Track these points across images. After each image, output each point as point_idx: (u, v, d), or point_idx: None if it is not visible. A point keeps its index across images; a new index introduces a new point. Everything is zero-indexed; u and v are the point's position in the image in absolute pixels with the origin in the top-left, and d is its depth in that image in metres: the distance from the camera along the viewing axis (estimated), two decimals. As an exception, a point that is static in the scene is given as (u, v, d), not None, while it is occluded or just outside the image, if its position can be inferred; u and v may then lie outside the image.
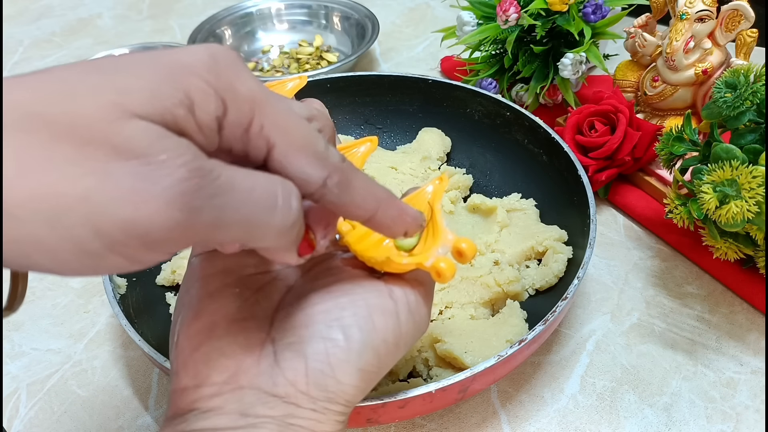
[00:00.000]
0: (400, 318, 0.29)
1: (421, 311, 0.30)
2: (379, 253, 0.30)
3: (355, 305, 0.29)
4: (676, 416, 0.46)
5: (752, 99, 0.46)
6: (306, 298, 0.30)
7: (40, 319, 0.56)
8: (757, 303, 0.53)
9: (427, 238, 0.31)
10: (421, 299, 0.30)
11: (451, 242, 0.29)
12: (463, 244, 0.29)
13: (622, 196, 0.62)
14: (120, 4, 1.08)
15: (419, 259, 0.29)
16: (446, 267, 0.29)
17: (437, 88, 0.63)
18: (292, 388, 0.27)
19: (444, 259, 0.29)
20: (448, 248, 0.29)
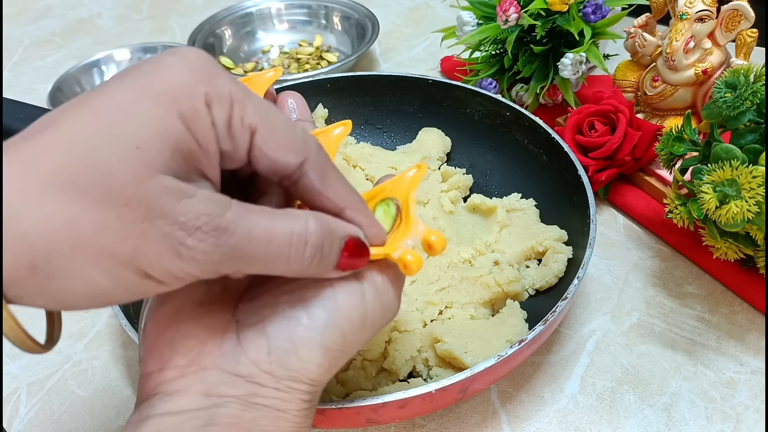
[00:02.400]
0: (366, 297, 0.29)
1: (389, 293, 0.30)
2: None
3: (320, 285, 0.29)
4: (676, 416, 0.46)
5: (752, 99, 0.46)
6: (271, 279, 0.30)
7: (40, 319, 0.56)
8: (757, 303, 0.53)
9: (399, 227, 0.31)
10: (389, 282, 0.30)
11: (422, 234, 0.29)
12: (432, 236, 0.29)
13: (622, 196, 0.62)
14: (120, 4, 1.08)
15: (387, 250, 0.29)
16: (413, 260, 0.29)
17: (437, 88, 0.63)
18: (255, 367, 0.27)
19: (411, 252, 0.29)
20: (418, 240, 0.29)
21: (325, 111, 0.65)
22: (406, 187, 0.32)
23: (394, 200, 0.32)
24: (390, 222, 0.31)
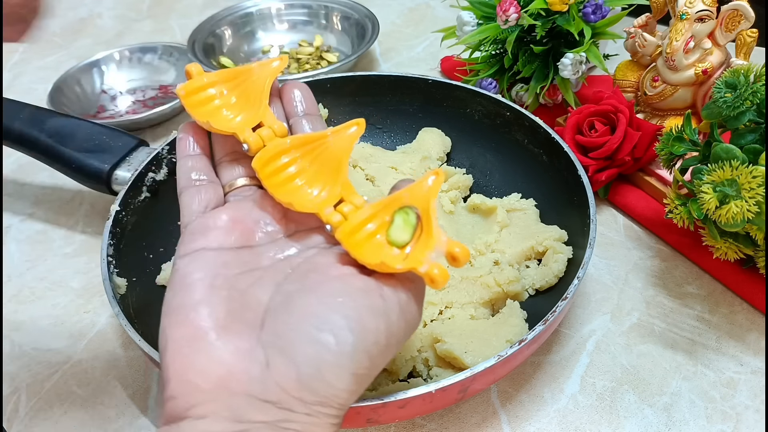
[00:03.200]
0: (390, 318, 0.29)
1: (412, 310, 0.30)
2: (373, 256, 0.30)
3: (346, 307, 0.28)
4: (676, 416, 0.46)
5: (752, 99, 0.46)
6: (296, 300, 0.29)
7: (40, 319, 0.56)
8: (757, 303, 0.53)
9: (420, 236, 0.30)
10: (412, 298, 0.30)
11: (445, 245, 0.29)
12: (456, 248, 0.29)
13: (622, 196, 0.62)
14: (120, 4, 1.08)
15: (413, 264, 0.29)
16: (439, 274, 0.28)
17: (437, 88, 0.63)
18: (285, 394, 0.27)
19: (437, 266, 0.28)
20: (441, 252, 0.29)
21: (325, 111, 0.65)
22: (425, 194, 0.31)
23: (414, 209, 0.31)
24: (410, 231, 0.31)
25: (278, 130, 0.35)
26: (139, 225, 0.53)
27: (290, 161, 0.34)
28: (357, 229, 0.31)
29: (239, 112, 0.36)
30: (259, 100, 0.36)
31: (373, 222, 0.32)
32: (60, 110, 0.74)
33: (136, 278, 0.51)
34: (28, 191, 0.70)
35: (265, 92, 0.36)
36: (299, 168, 0.34)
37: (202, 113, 0.35)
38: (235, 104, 0.36)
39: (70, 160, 0.57)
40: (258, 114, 0.35)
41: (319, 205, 0.32)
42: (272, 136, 0.34)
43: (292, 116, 0.37)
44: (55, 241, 0.64)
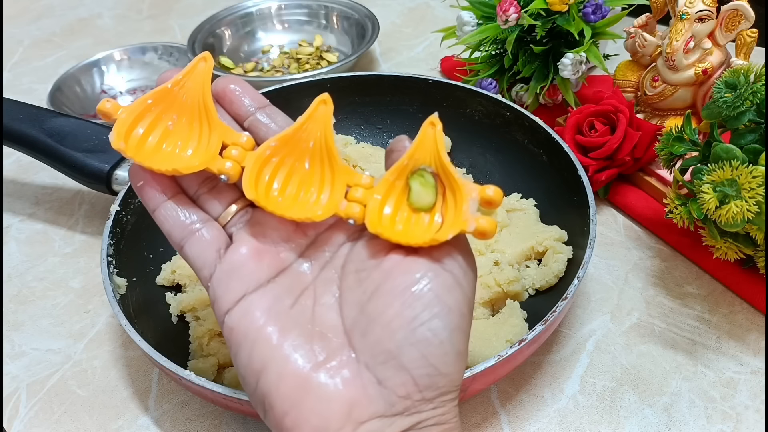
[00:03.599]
0: (462, 285, 0.29)
1: (471, 264, 0.30)
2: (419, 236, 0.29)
3: (423, 297, 0.28)
4: (676, 416, 0.46)
5: (752, 99, 0.46)
6: (370, 309, 0.28)
7: (40, 319, 0.56)
8: (757, 303, 0.53)
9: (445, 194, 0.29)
10: (466, 254, 0.30)
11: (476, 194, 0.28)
12: (488, 191, 0.28)
13: (622, 196, 0.62)
14: (120, 4, 1.08)
15: (459, 227, 0.28)
16: (487, 224, 0.28)
17: (437, 88, 0.63)
18: (409, 400, 0.27)
19: (481, 217, 0.28)
20: (475, 200, 0.28)
21: None
22: (433, 150, 0.30)
23: (427, 168, 0.30)
24: (432, 192, 0.30)
25: (246, 143, 0.31)
26: (139, 225, 0.53)
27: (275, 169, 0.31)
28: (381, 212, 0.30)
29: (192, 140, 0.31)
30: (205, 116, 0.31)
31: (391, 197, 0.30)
32: (60, 110, 0.74)
33: (136, 278, 0.51)
34: (28, 191, 0.70)
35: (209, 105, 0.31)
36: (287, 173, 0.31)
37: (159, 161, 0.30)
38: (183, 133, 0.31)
39: (70, 160, 0.57)
40: (216, 133, 0.31)
41: (334, 205, 0.31)
42: (244, 153, 0.30)
43: (245, 117, 0.33)
44: (55, 241, 0.64)
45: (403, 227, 0.30)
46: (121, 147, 0.30)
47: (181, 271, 0.53)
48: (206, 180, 0.32)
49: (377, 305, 0.28)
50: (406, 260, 0.29)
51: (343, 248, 0.31)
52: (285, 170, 0.31)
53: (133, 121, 0.31)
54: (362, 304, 0.29)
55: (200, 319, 0.50)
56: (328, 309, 0.30)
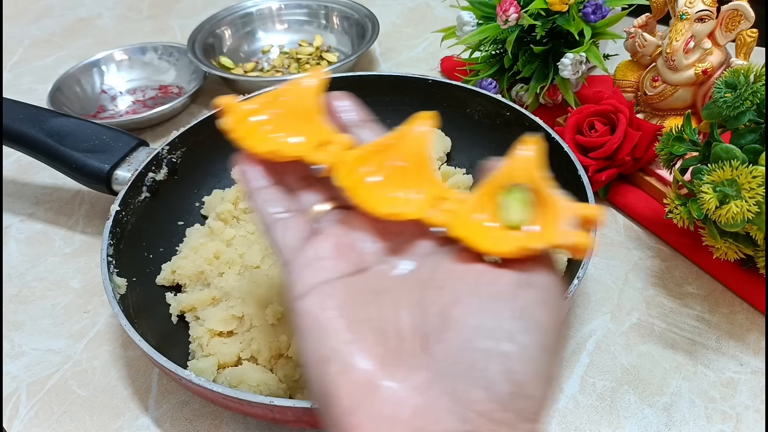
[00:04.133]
0: (551, 304, 0.26)
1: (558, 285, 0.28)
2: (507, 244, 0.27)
3: (509, 309, 0.26)
4: (676, 416, 0.46)
5: (752, 99, 0.46)
6: (451, 316, 0.26)
7: (40, 319, 0.56)
8: (757, 303, 0.53)
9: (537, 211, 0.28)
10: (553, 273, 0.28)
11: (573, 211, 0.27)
12: (587, 210, 0.26)
13: (622, 196, 0.62)
14: (120, 4, 1.08)
15: (551, 239, 0.26)
16: (582, 239, 0.26)
17: (437, 88, 0.63)
18: (485, 419, 0.24)
19: (575, 233, 0.26)
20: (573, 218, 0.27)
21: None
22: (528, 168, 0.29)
23: (522, 185, 0.29)
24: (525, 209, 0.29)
25: (346, 142, 0.32)
26: (139, 225, 0.53)
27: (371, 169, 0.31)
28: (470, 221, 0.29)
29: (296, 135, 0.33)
30: (313, 118, 0.33)
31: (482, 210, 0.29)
32: (60, 110, 0.74)
33: (136, 278, 0.51)
34: (28, 191, 0.70)
35: (317, 108, 0.34)
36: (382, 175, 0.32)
37: (262, 143, 0.33)
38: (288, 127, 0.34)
39: (70, 160, 0.57)
40: (318, 131, 0.33)
41: (422, 208, 0.30)
42: (342, 151, 0.32)
43: (348, 128, 0.35)
44: (55, 241, 0.64)
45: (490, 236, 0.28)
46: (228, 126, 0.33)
47: (181, 271, 0.53)
48: (305, 176, 0.34)
49: (458, 312, 0.26)
50: (492, 270, 0.27)
51: (428, 258, 0.30)
52: (380, 171, 0.32)
53: (246, 112, 0.33)
54: (441, 311, 0.27)
55: (200, 319, 0.50)
56: (403, 312, 0.28)
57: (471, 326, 0.25)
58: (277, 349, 0.46)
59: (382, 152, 0.32)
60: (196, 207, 0.60)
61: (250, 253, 0.52)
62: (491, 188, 0.30)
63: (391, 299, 0.28)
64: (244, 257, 0.52)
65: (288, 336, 0.47)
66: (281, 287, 0.49)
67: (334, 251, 0.30)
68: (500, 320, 0.25)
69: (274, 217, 0.32)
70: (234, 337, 0.48)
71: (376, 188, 0.31)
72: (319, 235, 0.31)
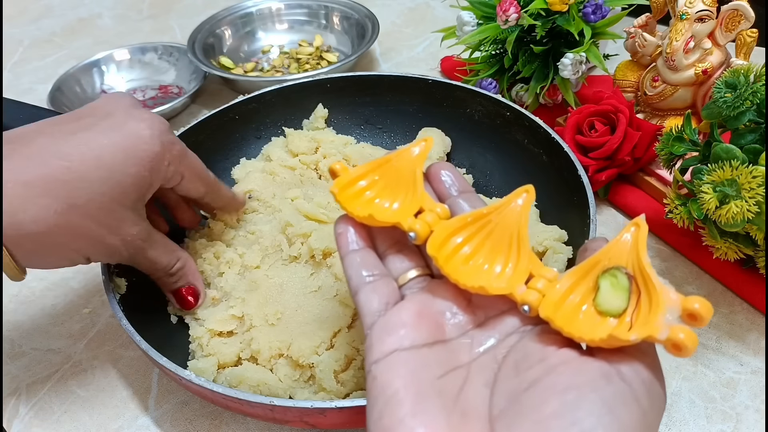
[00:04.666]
0: (641, 403, 0.24)
1: (658, 388, 0.25)
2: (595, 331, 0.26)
3: (589, 401, 0.24)
4: (676, 416, 0.46)
5: (752, 99, 0.46)
6: (526, 401, 0.25)
7: (40, 319, 0.56)
8: (757, 303, 0.53)
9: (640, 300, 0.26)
10: (654, 373, 0.26)
11: (678, 303, 0.24)
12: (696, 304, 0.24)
13: (622, 196, 0.62)
14: (120, 4, 1.08)
15: (649, 331, 0.24)
16: (686, 338, 0.24)
17: (437, 88, 0.63)
18: None
19: (681, 329, 0.24)
20: (676, 312, 0.24)
21: (325, 111, 0.65)
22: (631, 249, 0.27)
23: (622, 269, 0.27)
24: (624, 296, 0.27)
25: (441, 213, 0.32)
26: (139, 225, 0.53)
27: (464, 241, 0.31)
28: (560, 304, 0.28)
29: (395, 201, 0.34)
30: (412, 186, 0.34)
31: (575, 293, 0.28)
32: (60, 110, 0.74)
33: (136, 278, 0.50)
34: (28, 191, 0.70)
35: (418, 177, 0.34)
36: (474, 247, 0.31)
37: (361, 207, 0.33)
38: (388, 193, 0.35)
39: (70, 160, 0.57)
40: (416, 199, 0.33)
41: (511, 284, 0.29)
42: (437, 220, 0.32)
43: (447, 197, 0.35)
44: (55, 241, 0.64)
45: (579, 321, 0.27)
46: (335, 191, 0.34)
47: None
48: (397, 242, 0.34)
49: (533, 399, 0.25)
50: (577, 358, 0.26)
51: (511, 337, 0.29)
52: (472, 243, 0.31)
53: (353, 179, 0.35)
54: (516, 395, 0.26)
55: (200, 319, 0.50)
56: (477, 392, 0.27)
57: (544, 414, 0.24)
58: (277, 349, 0.46)
59: (477, 223, 0.32)
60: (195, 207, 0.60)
61: (250, 253, 0.52)
62: (588, 268, 0.28)
63: (465, 375, 0.28)
64: (244, 257, 0.52)
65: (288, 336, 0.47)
66: (282, 287, 0.49)
67: (415, 319, 0.29)
68: (577, 413, 0.24)
69: (363, 281, 0.32)
70: (234, 337, 0.48)
71: (467, 259, 0.31)
72: (402, 301, 0.31)
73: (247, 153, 0.64)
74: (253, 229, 0.55)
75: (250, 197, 0.57)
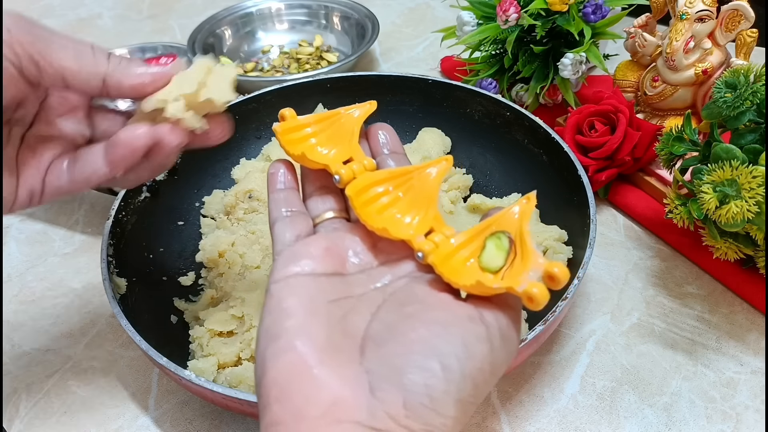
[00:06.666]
0: (493, 344, 0.28)
1: (512, 335, 0.30)
2: (468, 278, 0.30)
3: (450, 334, 0.28)
4: (676, 416, 0.46)
5: (752, 99, 0.46)
6: (398, 327, 0.29)
7: (40, 319, 0.56)
8: (757, 303, 0.53)
9: (515, 260, 0.30)
10: (512, 323, 0.30)
11: (543, 266, 0.28)
12: (555, 268, 0.28)
13: (622, 196, 0.62)
14: (120, 4, 1.08)
15: (510, 283, 0.28)
16: (539, 293, 0.27)
17: (437, 88, 0.63)
18: (392, 421, 0.27)
19: (537, 285, 0.28)
20: (539, 272, 0.28)
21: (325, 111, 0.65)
22: (516, 219, 0.31)
23: (506, 233, 0.31)
24: (503, 256, 0.30)
25: (368, 164, 0.36)
26: (139, 225, 0.53)
27: (382, 192, 0.35)
28: (450, 256, 0.31)
29: (331, 148, 0.37)
30: (349, 139, 0.37)
31: (465, 249, 0.32)
32: (60, 110, 0.74)
33: (136, 278, 0.51)
34: (28, 191, 0.70)
35: (354, 132, 0.38)
36: (391, 199, 0.35)
37: (297, 147, 0.37)
38: (327, 141, 0.38)
39: (70, 160, 0.57)
40: (348, 149, 0.37)
41: (412, 233, 0.33)
42: (362, 170, 0.35)
43: (379, 154, 0.38)
44: (55, 241, 0.64)
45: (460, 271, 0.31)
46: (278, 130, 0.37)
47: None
48: (324, 187, 0.37)
49: (404, 327, 0.29)
50: (452, 302, 0.30)
51: (403, 279, 0.32)
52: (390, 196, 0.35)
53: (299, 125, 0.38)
54: (392, 323, 0.30)
55: (200, 319, 0.50)
56: (361, 318, 0.30)
57: (410, 340, 0.28)
58: (277, 349, 0.46)
59: (397, 179, 0.35)
60: (196, 207, 0.60)
61: (250, 253, 0.52)
62: (479, 230, 0.32)
63: (354, 304, 0.31)
64: (244, 257, 0.52)
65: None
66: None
67: (321, 252, 0.32)
68: (437, 341, 0.28)
69: (281, 215, 0.35)
70: (234, 337, 0.48)
71: (379, 207, 0.34)
72: (314, 236, 0.34)
73: (247, 153, 0.64)
74: (253, 229, 0.55)
75: (250, 197, 0.57)
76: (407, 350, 0.28)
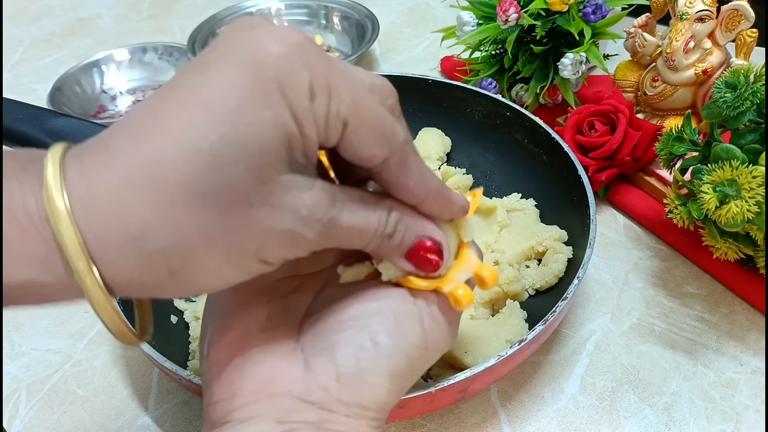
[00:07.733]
0: (423, 324, 0.29)
1: (442, 320, 0.30)
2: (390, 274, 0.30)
3: (383, 313, 0.29)
4: (676, 416, 0.46)
5: (752, 99, 0.46)
6: (335, 304, 0.30)
7: (40, 319, 0.56)
8: (757, 303, 0.53)
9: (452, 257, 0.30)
10: (440, 311, 0.30)
11: (473, 267, 0.29)
12: (485, 271, 0.29)
13: (622, 196, 0.62)
14: (120, 4, 1.08)
15: (438, 283, 0.29)
16: (463, 295, 0.28)
17: (437, 88, 0.63)
18: (325, 393, 0.27)
19: (462, 286, 0.29)
20: (470, 273, 0.29)
21: None
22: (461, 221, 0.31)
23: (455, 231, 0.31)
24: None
25: None
26: (139, 225, 0.53)
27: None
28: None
29: None
30: None
31: None
32: (60, 110, 0.74)
33: (136, 278, 0.50)
34: (28, 191, 0.70)
35: None
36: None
37: None
38: None
39: (70, 160, 0.57)
40: None
41: None
42: None
43: None
44: (55, 241, 0.64)
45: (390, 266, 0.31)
46: None
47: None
48: None
49: (340, 305, 0.30)
50: (390, 287, 0.30)
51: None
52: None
53: None
54: (329, 299, 0.30)
55: (200, 320, 0.50)
56: (302, 297, 0.31)
57: (343, 316, 0.29)
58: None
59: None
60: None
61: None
62: None
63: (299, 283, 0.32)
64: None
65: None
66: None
67: None
68: (370, 318, 0.29)
69: None
70: (234, 337, 0.48)
71: None
72: None
73: (247, 153, 0.64)
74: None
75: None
76: (342, 326, 0.29)
